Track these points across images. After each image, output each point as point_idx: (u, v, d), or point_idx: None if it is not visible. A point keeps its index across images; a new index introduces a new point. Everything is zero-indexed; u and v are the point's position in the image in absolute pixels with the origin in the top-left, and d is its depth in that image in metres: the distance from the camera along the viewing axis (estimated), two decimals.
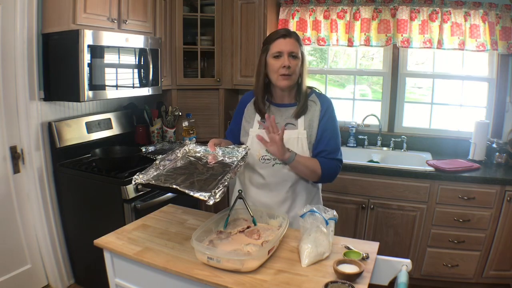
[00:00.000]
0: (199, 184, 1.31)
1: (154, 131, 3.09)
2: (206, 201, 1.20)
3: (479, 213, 2.47)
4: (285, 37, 1.56)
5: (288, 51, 1.55)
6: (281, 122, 1.64)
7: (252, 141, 1.66)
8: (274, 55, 1.57)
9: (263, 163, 1.63)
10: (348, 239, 1.45)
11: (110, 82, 2.39)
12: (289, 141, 1.60)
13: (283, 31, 1.59)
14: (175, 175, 1.40)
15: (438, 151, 3.00)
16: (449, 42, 2.82)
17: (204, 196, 1.21)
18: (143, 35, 2.63)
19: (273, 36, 1.59)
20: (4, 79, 2.20)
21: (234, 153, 1.56)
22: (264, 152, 1.62)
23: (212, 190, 1.23)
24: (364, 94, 3.46)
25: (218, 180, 1.31)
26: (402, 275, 1.26)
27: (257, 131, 1.66)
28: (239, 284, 1.14)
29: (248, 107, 1.74)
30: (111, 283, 1.43)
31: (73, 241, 2.56)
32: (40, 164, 2.40)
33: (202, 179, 1.35)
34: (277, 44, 1.57)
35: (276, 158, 1.61)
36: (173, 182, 1.32)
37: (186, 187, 1.27)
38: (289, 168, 1.60)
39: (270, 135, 1.50)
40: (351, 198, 2.70)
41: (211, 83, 3.24)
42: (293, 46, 1.56)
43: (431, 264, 2.62)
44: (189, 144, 1.66)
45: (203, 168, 1.47)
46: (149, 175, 1.38)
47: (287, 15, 3.19)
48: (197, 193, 1.22)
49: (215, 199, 1.21)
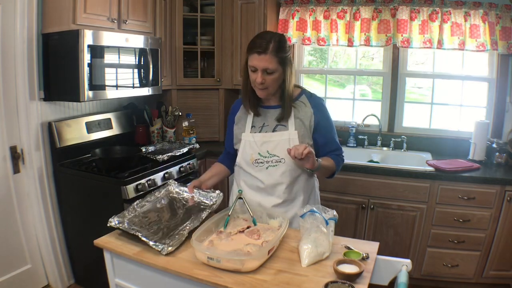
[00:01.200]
0: (163, 231, 1.40)
1: (154, 131, 3.09)
2: (160, 251, 1.28)
3: (479, 213, 2.47)
4: (260, 54, 1.48)
5: (262, 68, 1.50)
6: (270, 123, 1.64)
7: (245, 145, 1.66)
8: (250, 67, 1.54)
9: (257, 167, 1.64)
10: (348, 239, 1.45)
11: (110, 82, 2.39)
12: (280, 143, 1.60)
13: (259, 45, 1.48)
14: (147, 218, 1.49)
15: (438, 151, 3.00)
16: (449, 42, 2.82)
17: (159, 247, 1.29)
18: (143, 35, 2.63)
19: (250, 48, 1.52)
20: (4, 79, 2.20)
21: (208, 197, 1.62)
22: (257, 156, 1.63)
23: (168, 242, 1.31)
24: (364, 94, 3.46)
25: (179, 230, 1.39)
26: (402, 275, 1.26)
27: (249, 135, 1.66)
28: (239, 284, 1.14)
29: (238, 115, 1.74)
30: (111, 283, 1.43)
31: (73, 241, 2.56)
32: (40, 164, 2.40)
33: (168, 226, 1.44)
34: (252, 59, 1.51)
35: (269, 161, 1.62)
36: (139, 229, 1.40)
37: (147, 235, 1.36)
38: (284, 170, 1.61)
39: (302, 152, 1.42)
40: (351, 198, 2.70)
41: (211, 83, 3.24)
42: (267, 63, 1.49)
43: (431, 264, 2.62)
44: (172, 185, 1.72)
45: (177, 212, 1.55)
46: (124, 217, 1.46)
47: (287, 15, 3.19)
48: (153, 243, 1.31)
49: (168, 250, 1.29)
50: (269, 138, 1.63)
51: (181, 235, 1.35)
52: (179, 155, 2.67)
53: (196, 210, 1.53)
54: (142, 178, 2.31)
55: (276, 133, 1.62)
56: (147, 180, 2.34)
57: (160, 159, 2.51)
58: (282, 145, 1.60)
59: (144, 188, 2.29)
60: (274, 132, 1.63)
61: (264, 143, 1.63)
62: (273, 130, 1.63)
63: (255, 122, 1.67)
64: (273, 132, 1.63)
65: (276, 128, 1.63)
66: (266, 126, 1.65)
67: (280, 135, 1.61)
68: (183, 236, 1.35)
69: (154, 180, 2.38)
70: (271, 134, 1.63)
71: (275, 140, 1.61)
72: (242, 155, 1.68)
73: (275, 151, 1.61)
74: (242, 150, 1.67)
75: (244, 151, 1.67)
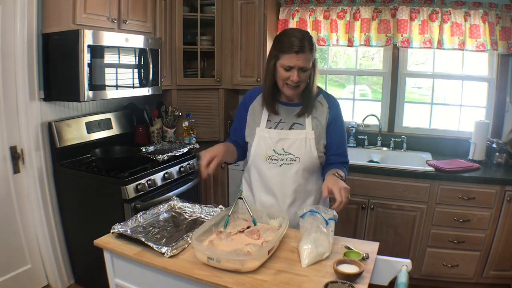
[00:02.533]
0: (167, 238, 1.42)
1: (154, 131, 3.09)
2: (163, 254, 1.29)
3: (479, 213, 2.47)
4: (298, 53, 1.46)
5: (299, 66, 1.48)
6: (287, 120, 1.63)
7: (259, 141, 1.64)
8: (284, 67, 1.50)
9: (270, 163, 1.62)
10: (348, 239, 1.45)
11: (110, 82, 2.39)
12: (297, 142, 1.59)
13: (297, 44, 1.46)
14: (151, 228, 1.50)
15: (438, 151, 3.00)
16: (449, 42, 2.82)
17: (162, 249, 1.30)
18: (143, 35, 2.63)
19: (286, 48, 1.48)
20: (4, 79, 2.20)
21: (211, 214, 1.63)
22: (272, 152, 1.61)
23: (173, 245, 1.32)
24: (364, 94, 3.46)
25: (183, 237, 1.39)
26: (402, 275, 1.26)
27: (264, 130, 1.63)
28: (239, 284, 1.14)
29: (254, 105, 1.69)
30: (111, 283, 1.43)
31: (73, 241, 2.56)
32: (40, 164, 2.40)
33: (171, 235, 1.45)
34: (288, 58, 1.48)
35: (284, 159, 1.60)
36: (143, 235, 1.41)
37: (151, 238, 1.39)
38: (297, 169, 1.60)
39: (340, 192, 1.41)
40: (351, 198, 2.68)
41: (211, 83, 3.24)
42: (305, 61, 1.48)
43: (431, 264, 2.62)
44: (175, 200, 1.76)
45: (179, 224, 1.56)
46: (127, 226, 1.48)
47: (287, 15, 3.19)
48: (156, 246, 1.32)
49: (173, 253, 1.29)
50: (285, 136, 1.61)
51: (185, 241, 1.36)
52: (179, 155, 2.68)
53: (199, 223, 1.54)
54: (142, 178, 2.31)
55: (293, 131, 1.60)
56: (147, 180, 2.34)
57: (160, 159, 2.51)
58: (299, 144, 1.59)
59: (144, 188, 2.29)
60: (291, 130, 1.61)
61: (280, 140, 1.61)
62: (289, 127, 1.61)
63: (271, 117, 1.65)
64: (290, 130, 1.61)
65: (293, 126, 1.61)
66: (282, 123, 1.63)
67: (297, 134, 1.60)
68: (187, 242, 1.36)
69: (154, 180, 2.38)
70: (287, 132, 1.61)
71: (292, 138, 1.60)
72: (256, 150, 1.65)
73: (291, 149, 1.60)
74: (256, 145, 1.64)
75: (258, 146, 1.63)
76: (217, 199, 3.12)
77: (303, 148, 1.59)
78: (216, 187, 3.11)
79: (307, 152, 1.59)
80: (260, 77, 3.10)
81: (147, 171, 2.38)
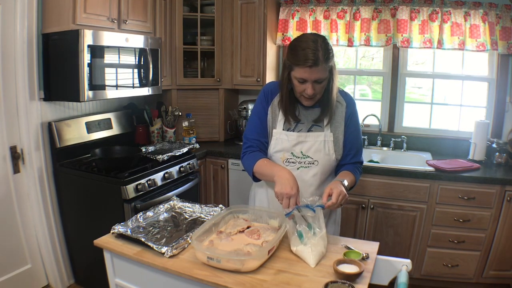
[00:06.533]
0: (167, 238, 1.43)
1: (154, 131, 3.09)
2: (163, 254, 1.29)
3: (479, 213, 2.47)
4: (312, 67, 1.39)
5: (313, 79, 1.43)
6: (306, 122, 1.60)
7: (276, 143, 1.61)
8: (298, 79, 1.46)
9: (287, 166, 1.58)
10: (348, 239, 1.45)
11: (110, 82, 2.39)
12: (315, 144, 1.57)
13: (310, 58, 1.38)
14: (151, 228, 1.51)
15: (438, 151, 3.00)
16: (449, 42, 2.82)
17: (162, 249, 1.30)
18: (143, 35, 2.63)
19: (299, 61, 1.41)
20: (4, 79, 2.20)
21: (211, 213, 1.64)
22: (289, 155, 1.59)
23: (173, 245, 1.32)
24: (364, 94, 3.46)
25: (183, 237, 1.40)
26: (402, 275, 1.26)
27: (282, 132, 1.59)
28: (239, 284, 1.14)
29: (274, 103, 1.62)
30: (111, 283, 1.43)
31: (73, 241, 2.56)
32: (40, 164, 2.40)
33: (171, 235, 1.45)
34: (301, 71, 1.42)
35: (301, 162, 1.58)
36: (143, 235, 1.42)
37: (151, 238, 1.40)
38: (315, 172, 1.58)
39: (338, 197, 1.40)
40: (351, 198, 2.69)
41: (211, 83, 3.24)
42: (319, 74, 1.42)
43: (431, 264, 2.62)
44: (175, 200, 1.77)
45: (179, 224, 1.57)
46: (127, 227, 1.48)
47: (287, 15, 3.19)
48: (156, 246, 1.32)
49: (173, 253, 1.29)
50: (304, 138, 1.58)
51: (186, 241, 1.36)
52: (179, 155, 2.67)
53: (199, 223, 1.54)
54: (142, 178, 2.31)
55: (311, 134, 1.58)
56: (147, 180, 2.34)
57: (160, 159, 2.51)
58: (317, 147, 1.57)
59: (144, 188, 2.29)
60: (309, 132, 1.58)
61: (298, 143, 1.58)
62: (308, 130, 1.59)
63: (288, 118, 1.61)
64: (308, 132, 1.58)
65: (311, 128, 1.58)
66: (301, 124, 1.59)
67: (316, 136, 1.57)
68: (187, 242, 1.36)
69: (154, 180, 2.38)
70: (306, 134, 1.58)
71: (310, 141, 1.57)
72: (273, 152, 1.62)
73: (309, 153, 1.58)
74: (274, 147, 1.61)
75: (275, 148, 1.60)
76: (217, 199, 3.12)
77: (322, 151, 1.57)
78: (216, 187, 3.12)
79: (326, 155, 1.58)
80: (260, 77, 3.10)
81: (147, 171, 2.38)
